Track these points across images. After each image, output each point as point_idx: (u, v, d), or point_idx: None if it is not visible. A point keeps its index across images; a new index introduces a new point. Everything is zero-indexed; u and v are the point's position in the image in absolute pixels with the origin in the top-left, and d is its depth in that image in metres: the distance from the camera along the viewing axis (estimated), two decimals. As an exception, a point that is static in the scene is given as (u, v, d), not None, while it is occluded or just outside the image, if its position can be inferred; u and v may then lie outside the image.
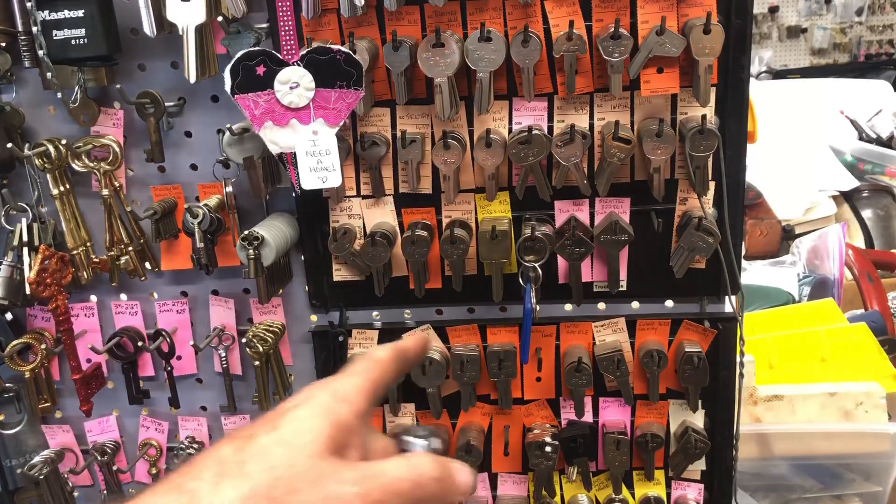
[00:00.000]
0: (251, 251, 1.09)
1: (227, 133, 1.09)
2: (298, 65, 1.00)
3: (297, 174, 1.04)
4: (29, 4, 1.02)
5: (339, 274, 1.18)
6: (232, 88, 1.01)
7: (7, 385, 1.32)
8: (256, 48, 1.02)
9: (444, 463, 0.60)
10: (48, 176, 1.17)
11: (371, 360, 0.66)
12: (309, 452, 0.55)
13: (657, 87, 1.02)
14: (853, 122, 3.14)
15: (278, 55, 1.00)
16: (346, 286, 1.19)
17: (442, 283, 1.17)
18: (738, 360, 1.15)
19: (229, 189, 1.16)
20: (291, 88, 1.01)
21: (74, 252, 1.21)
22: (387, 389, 0.67)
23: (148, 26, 1.05)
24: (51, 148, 1.15)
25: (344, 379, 0.62)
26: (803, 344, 1.67)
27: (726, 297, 1.13)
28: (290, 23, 1.04)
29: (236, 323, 1.26)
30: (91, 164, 1.17)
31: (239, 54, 1.00)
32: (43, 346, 1.25)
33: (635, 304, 1.17)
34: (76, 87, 1.10)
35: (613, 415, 1.21)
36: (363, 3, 1.00)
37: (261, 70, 1.00)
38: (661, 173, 1.03)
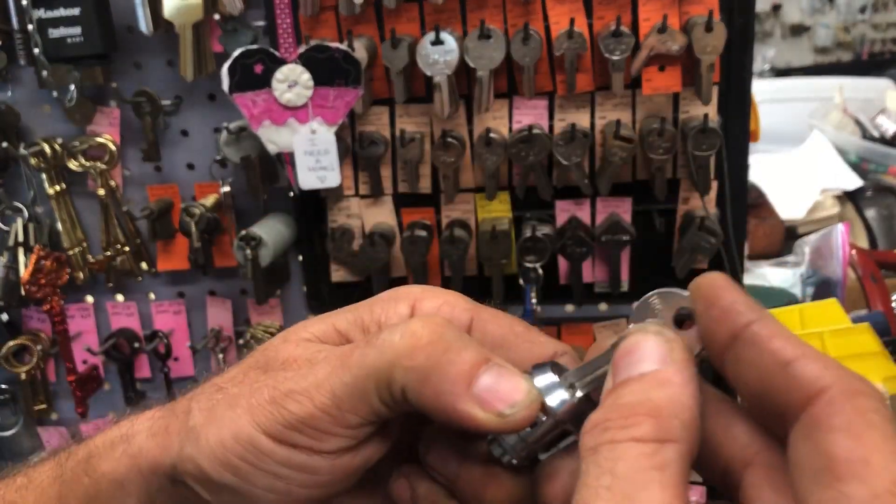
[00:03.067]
0: (248, 251, 1.08)
1: (225, 132, 1.08)
2: (297, 63, 0.99)
3: (296, 174, 1.04)
4: (24, 2, 1.02)
5: (338, 274, 1.17)
6: (230, 87, 1.00)
7: (2, 387, 1.31)
8: (254, 46, 1.01)
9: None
10: (43, 175, 1.16)
11: None
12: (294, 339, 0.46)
13: (659, 85, 1.01)
14: (857, 121, 3.13)
15: (276, 53, 0.99)
16: (345, 287, 1.18)
17: (442, 283, 1.15)
18: (740, 361, 1.14)
19: (226, 189, 1.15)
20: (290, 87, 1.00)
21: (70, 252, 1.20)
22: None
23: (144, 24, 1.04)
24: (46, 147, 1.14)
25: None
26: (806, 344, 1.66)
27: (729, 298, 1.12)
28: (287, 20, 1.03)
29: (233, 324, 1.25)
30: (87, 164, 1.16)
31: (237, 52, 0.99)
32: (38, 348, 1.24)
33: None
34: (72, 86, 1.09)
35: (615, 417, 1.20)
36: (361, 0, 0.99)
37: (259, 68, 0.99)
38: (662, 173, 1.02)
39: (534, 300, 1.09)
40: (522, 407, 0.37)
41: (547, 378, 0.38)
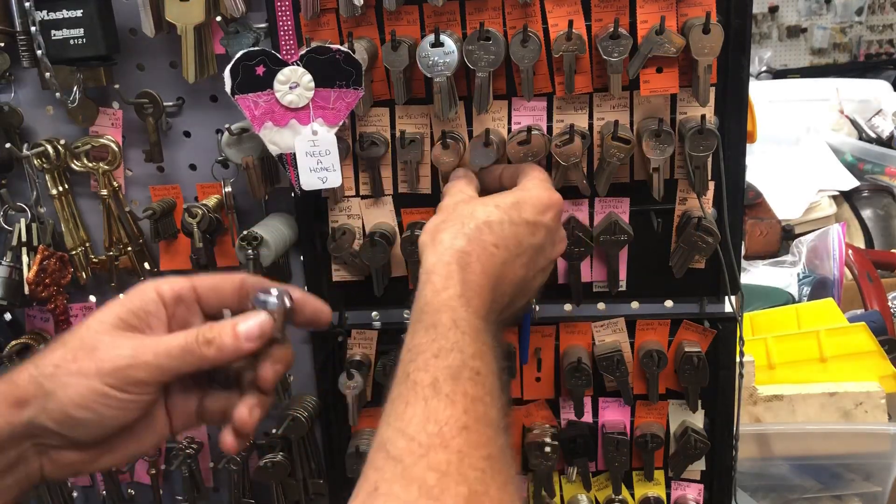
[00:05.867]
0: (250, 251, 1.08)
1: (226, 133, 1.09)
2: (298, 64, 1.00)
3: (297, 175, 1.04)
4: (27, 4, 1.02)
5: (339, 274, 1.18)
6: (232, 89, 1.01)
7: (6, 385, 1.32)
8: (256, 48, 1.02)
9: (216, 327, 0.77)
10: (47, 176, 1.17)
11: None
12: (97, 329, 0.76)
13: (656, 86, 1.01)
14: (853, 122, 3.14)
15: (278, 55, 1.00)
16: (346, 286, 1.19)
17: (441, 283, 1.16)
18: (737, 360, 1.15)
19: (228, 189, 1.16)
20: (291, 88, 1.01)
21: (73, 252, 1.21)
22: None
23: (147, 26, 1.05)
24: (49, 148, 1.15)
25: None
26: (803, 344, 1.67)
27: (726, 297, 1.13)
28: (289, 23, 1.04)
29: (235, 323, 1.25)
30: (90, 165, 1.16)
31: (238, 54, 1.00)
32: (42, 347, 1.25)
33: (635, 305, 1.17)
34: (75, 87, 1.10)
35: (613, 415, 1.21)
36: (362, 2, 1.00)
37: (260, 70, 1.00)
38: (660, 173, 1.03)
39: (532, 299, 1.10)
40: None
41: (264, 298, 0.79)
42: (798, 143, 2.97)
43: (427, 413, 0.67)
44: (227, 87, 1.01)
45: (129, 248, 1.21)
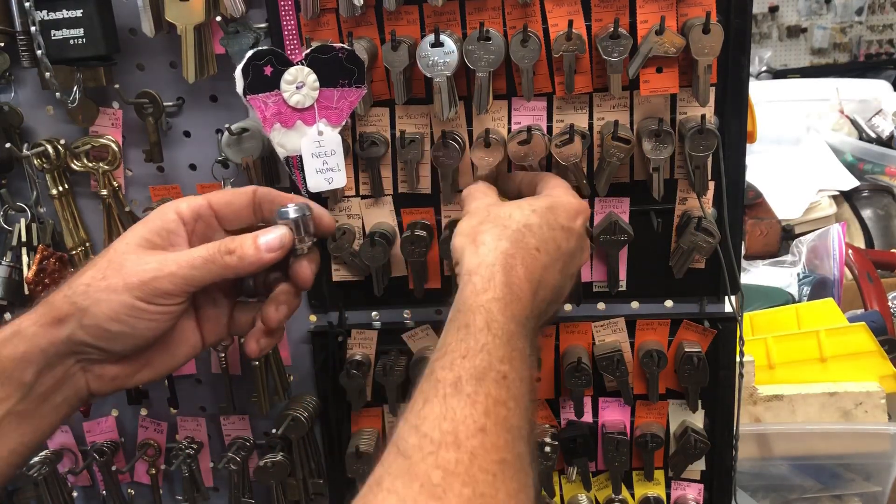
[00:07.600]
0: (250, 251, 1.08)
1: (226, 133, 1.09)
2: (303, 64, 1.00)
3: (304, 177, 1.04)
4: (27, 4, 1.02)
5: (339, 274, 1.18)
6: (244, 89, 1.00)
7: (6, 385, 1.32)
8: (266, 48, 1.02)
9: (238, 238, 0.82)
10: (47, 176, 1.17)
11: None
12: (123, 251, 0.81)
13: (656, 86, 1.01)
14: (853, 122, 3.14)
15: (285, 55, 1.00)
16: (345, 286, 1.19)
17: (441, 283, 1.16)
18: (737, 360, 1.15)
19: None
20: (298, 88, 1.01)
21: (73, 252, 1.20)
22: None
23: (147, 26, 1.05)
24: (49, 148, 1.15)
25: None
26: (803, 344, 1.67)
27: (726, 297, 1.13)
28: (292, 23, 1.03)
29: (235, 323, 1.25)
30: (90, 165, 1.16)
31: (249, 54, 1.00)
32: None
33: (635, 304, 1.17)
34: (75, 87, 1.10)
35: (613, 415, 1.21)
36: (362, 2, 1.00)
37: (268, 70, 1.00)
38: (660, 173, 1.03)
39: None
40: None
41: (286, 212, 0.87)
42: (798, 143, 2.98)
43: (444, 411, 0.67)
44: (239, 88, 1.00)
45: (129, 248, 1.20)
